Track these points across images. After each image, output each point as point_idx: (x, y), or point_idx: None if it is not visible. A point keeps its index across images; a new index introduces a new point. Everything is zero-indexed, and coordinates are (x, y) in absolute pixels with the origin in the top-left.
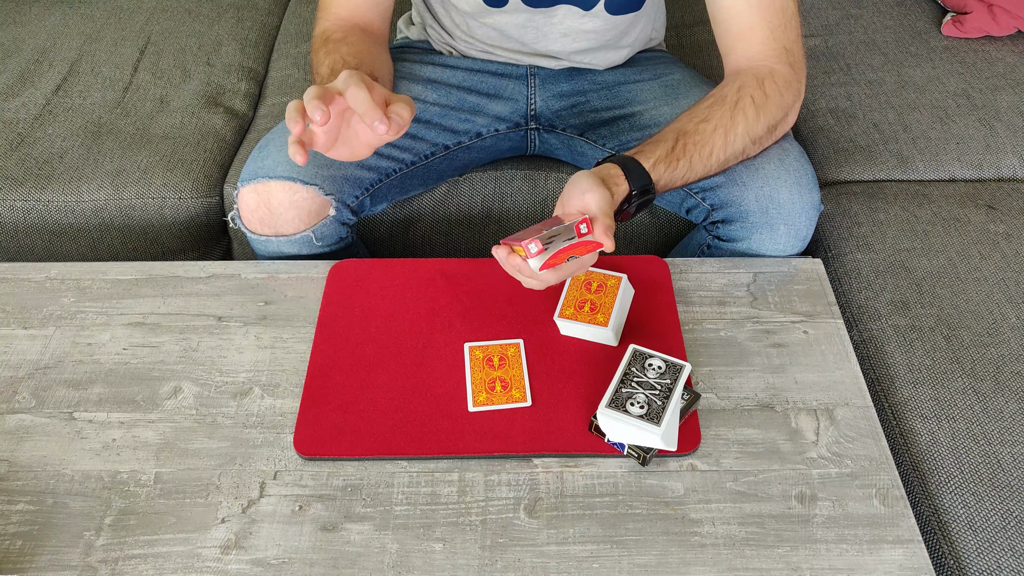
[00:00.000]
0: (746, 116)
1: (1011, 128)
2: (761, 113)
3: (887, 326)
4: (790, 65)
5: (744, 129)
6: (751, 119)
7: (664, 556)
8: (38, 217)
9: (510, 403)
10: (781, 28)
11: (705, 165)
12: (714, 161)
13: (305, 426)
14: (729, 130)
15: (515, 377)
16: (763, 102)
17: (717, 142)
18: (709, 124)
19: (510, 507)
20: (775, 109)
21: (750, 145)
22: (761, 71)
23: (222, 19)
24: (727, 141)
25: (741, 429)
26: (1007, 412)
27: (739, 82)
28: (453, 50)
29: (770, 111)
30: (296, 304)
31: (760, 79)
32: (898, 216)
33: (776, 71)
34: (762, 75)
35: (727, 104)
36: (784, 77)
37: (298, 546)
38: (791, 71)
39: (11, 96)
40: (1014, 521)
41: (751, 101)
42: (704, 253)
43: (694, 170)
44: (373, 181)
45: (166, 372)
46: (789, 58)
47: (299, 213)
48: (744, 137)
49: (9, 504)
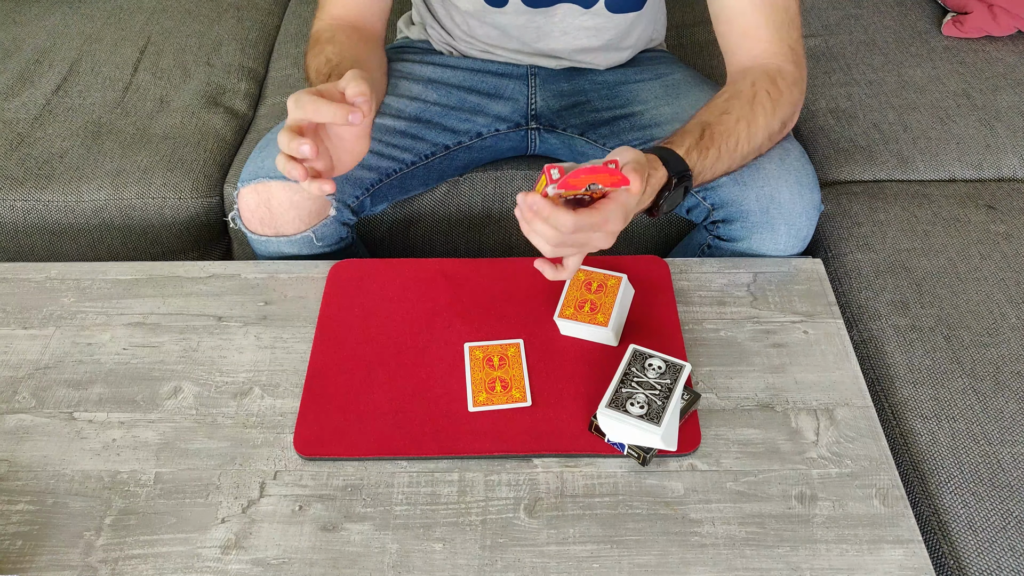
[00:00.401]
0: (764, 109)
1: (1011, 128)
2: (777, 108)
3: (887, 326)
4: (795, 64)
5: (764, 123)
6: (768, 113)
7: (664, 556)
8: (38, 217)
9: (510, 403)
10: (785, 27)
11: (731, 156)
12: (739, 153)
13: (305, 426)
14: (751, 122)
15: (515, 377)
16: (778, 97)
17: (741, 133)
18: (731, 116)
19: (510, 507)
20: (787, 106)
21: (766, 141)
22: (770, 68)
23: (222, 19)
24: (750, 133)
25: (741, 429)
26: (1007, 412)
27: (751, 78)
28: (453, 50)
29: (783, 107)
30: (296, 304)
31: (771, 76)
32: (898, 216)
33: (784, 69)
34: (772, 72)
35: (744, 98)
36: (792, 75)
37: (298, 546)
38: (796, 70)
39: (11, 96)
40: (1014, 521)
41: (767, 95)
42: (704, 253)
43: (723, 160)
44: (373, 181)
45: (166, 372)
46: (794, 57)
47: (299, 213)
48: (764, 131)
49: (9, 504)
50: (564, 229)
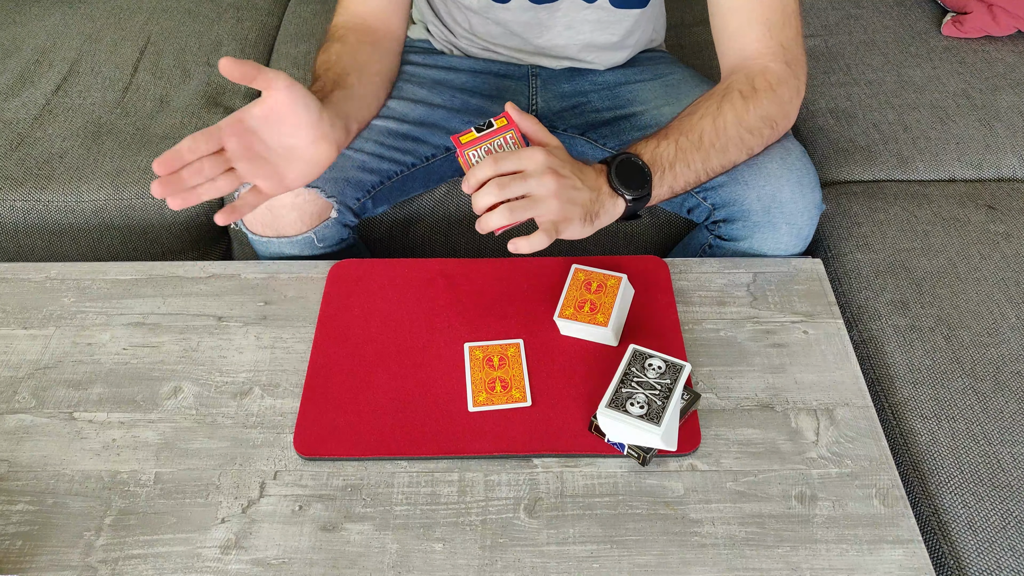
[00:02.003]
0: (734, 105)
1: (1011, 128)
2: (750, 103)
3: (887, 326)
4: (786, 63)
5: (734, 117)
6: (739, 108)
7: (664, 556)
8: (38, 217)
9: (510, 403)
10: (779, 25)
11: (698, 149)
12: (707, 145)
13: (305, 426)
14: (716, 117)
15: (515, 377)
16: (751, 94)
17: (706, 127)
18: (695, 115)
19: (510, 507)
20: (767, 102)
21: (745, 134)
22: (753, 69)
23: (222, 19)
24: (716, 126)
25: (741, 429)
26: (1007, 412)
27: (727, 82)
28: (454, 48)
29: (761, 103)
30: (296, 304)
31: (750, 77)
32: (898, 216)
33: (769, 68)
34: (753, 73)
35: (714, 97)
36: (777, 74)
37: (298, 546)
38: (786, 68)
39: (11, 96)
40: (1014, 521)
41: (739, 94)
42: (706, 253)
43: (683, 154)
44: (375, 183)
45: (166, 372)
46: (785, 55)
47: (301, 215)
48: (736, 125)
49: (9, 504)
50: (493, 163)
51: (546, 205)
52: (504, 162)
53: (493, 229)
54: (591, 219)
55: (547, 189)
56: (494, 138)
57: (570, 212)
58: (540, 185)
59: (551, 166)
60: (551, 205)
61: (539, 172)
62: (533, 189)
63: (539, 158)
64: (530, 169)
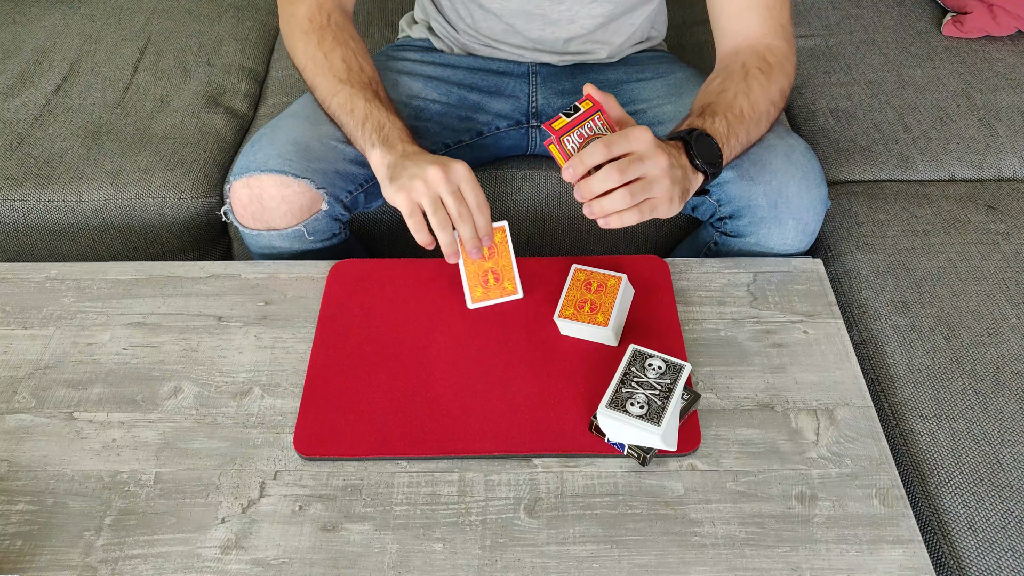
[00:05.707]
0: (759, 81)
1: (1011, 128)
2: (770, 79)
3: (887, 326)
4: (785, 40)
5: (761, 92)
6: (763, 83)
7: (664, 556)
8: (38, 217)
9: (503, 296)
10: (778, 6)
11: (741, 122)
12: (747, 119)
13: (305, 426)
14: (748, 93)
15: (504, 267)
16: (768, 70)
17: (743, 103)
18: (728, 93)
19: (510, 507)
20: (781, 76)
21: (770, 107)
22: (759, 47)
23: (222, 19)
24: (751, 101)
25: (741, 429)
26: (1007, 412)
27: (741, 58)
28: (456, 46)
29: (777, 77)
30: (296, 304)
31: (760, 53)
32: (898, 216)
33: (774, 45)
34: (761, 50)
35: (737, 76)
36: (782, 50)
37: (298, 546)
38: (787, 45)
39: (11, 96)
40: (1014, 521)
41: (759, 71)
42: (711, 250)
43: (732, 128)
44: (367, 177)
45: (166, 372)
46: (784, 33)
47: (291, 208)
48: (763, 99)
49: (9, 504)
50: (606, 147)
51: (660, 185)
52: (615, 145)
53: (609, 213)
54: (684, 196)
55: (660, 169)
56: (584, 122)
57: (674, 191)
58: (655, 165)
59: (659, 145)
60: (664, 184)
61: (651, 153)
62: (649, 170)
63: (648, 138)
64: (641, 150)
